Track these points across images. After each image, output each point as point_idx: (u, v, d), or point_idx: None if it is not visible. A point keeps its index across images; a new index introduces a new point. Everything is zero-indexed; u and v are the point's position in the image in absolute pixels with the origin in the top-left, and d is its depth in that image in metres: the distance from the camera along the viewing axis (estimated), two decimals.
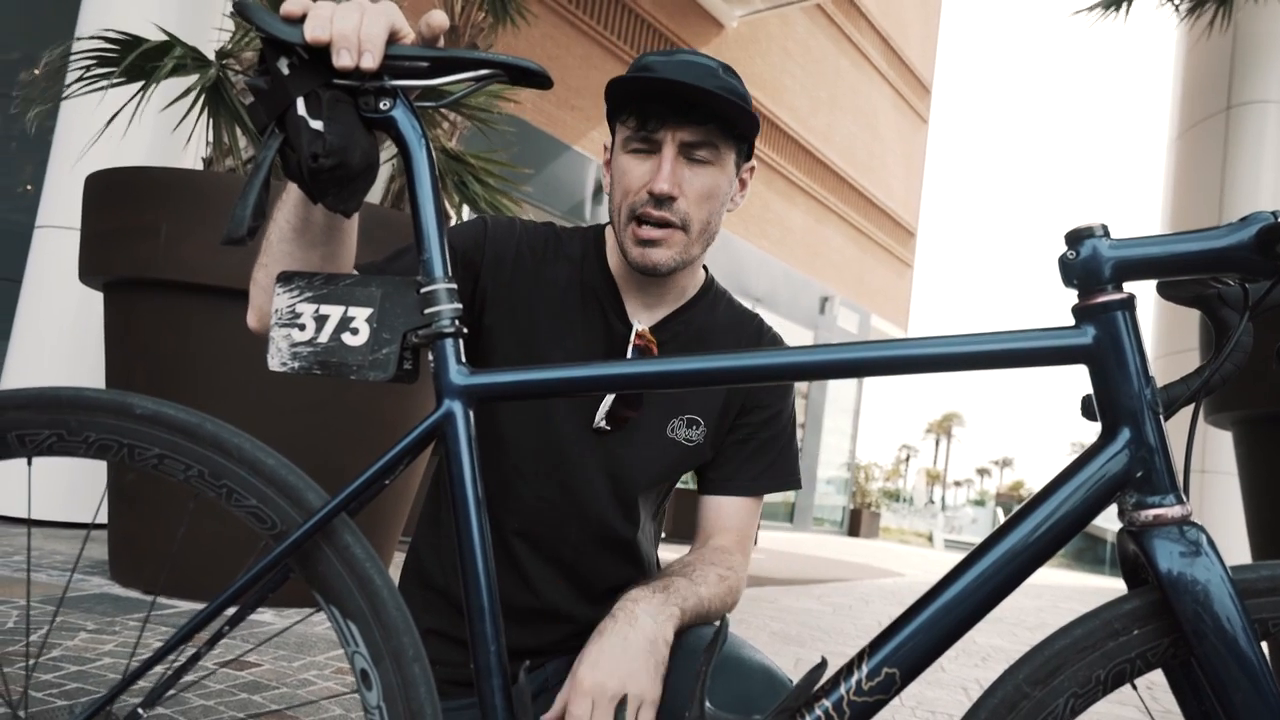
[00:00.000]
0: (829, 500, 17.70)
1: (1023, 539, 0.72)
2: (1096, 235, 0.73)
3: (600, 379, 0.80)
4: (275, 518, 0.76)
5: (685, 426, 1.13)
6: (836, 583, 6.56)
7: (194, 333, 2.61)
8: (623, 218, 1.07)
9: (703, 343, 1.15)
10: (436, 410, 0.77)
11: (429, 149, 0.79)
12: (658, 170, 1.03)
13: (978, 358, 0.74)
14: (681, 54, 1.05)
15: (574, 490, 1.11)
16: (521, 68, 0.79)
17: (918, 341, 0.75)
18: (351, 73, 0.77)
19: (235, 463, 0.76)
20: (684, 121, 1.02)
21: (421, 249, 0.79)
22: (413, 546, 1.20)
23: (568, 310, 1.12)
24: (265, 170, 0.76)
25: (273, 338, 0.80)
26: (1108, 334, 0.72)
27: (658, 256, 1.05)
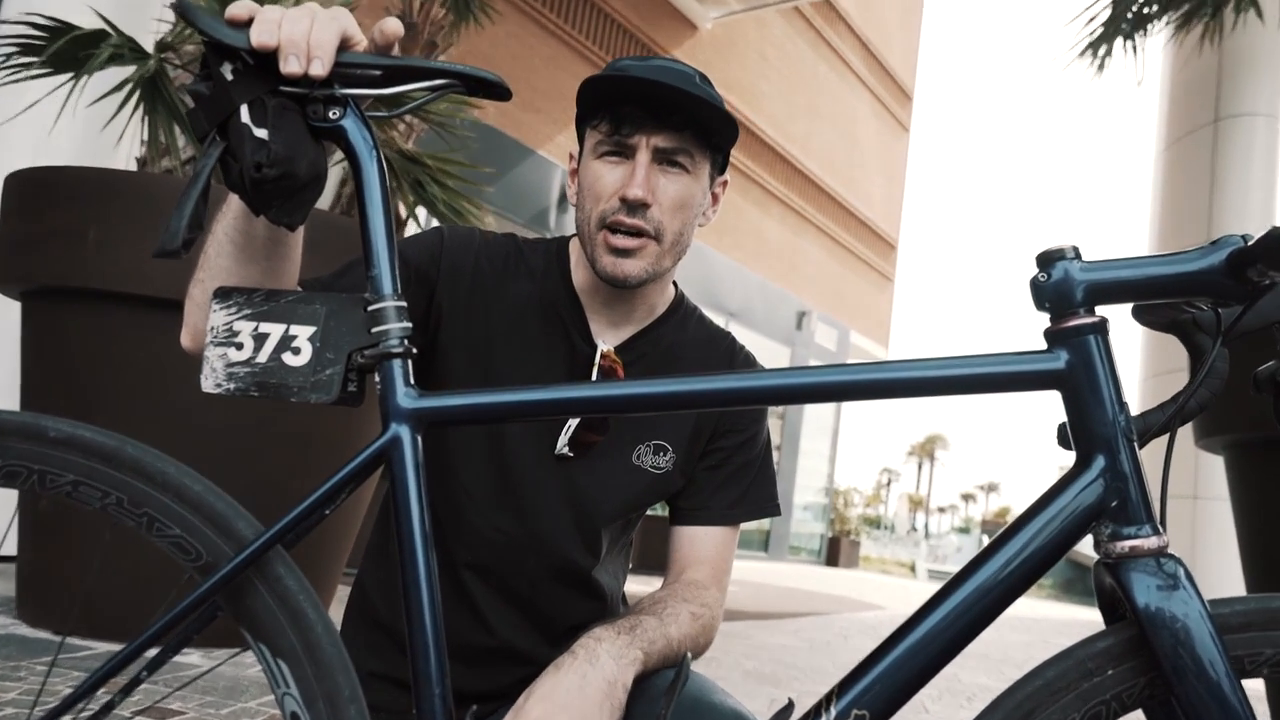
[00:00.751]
0: (806, 528, 17.76)
1: (996, 572, 0.73)
2: (1068, 257, 0.75)
3: (560, 402, 0.80)
4: (201, 548, 0.75)
5: (653, 453, 1.14)
6: (814, 616, 6.57)
7: (120, 348, 2.57)
8: (592, 226, 1.07)
9: (672, 363, 1.16)
10: (382, 435, 0.77)
11: (380, 161, 0.80)
12: (631, 175, 1.04)
13: (948, 383, 0.75)
14: (657, 60, 1.07)
15: (532, 520, 1.10)
16: (479, 78, 0.80)
17: (889, 365, 0.77)
18: (299, 80, 0.78)
19: (158, 489, 0.75)
20: (660, 126, 1.03)
21: (370, 264, 0.80)
22: (358, 581, 1.19)
23: (528, 329, 1.12)
24: (204, 180, 0.76)
25: (207, 357, 0.80)
26: (1080, 359, 0.74)
27: (629, 267, 1.06)
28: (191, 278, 0.94)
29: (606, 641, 0.95)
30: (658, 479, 1.14)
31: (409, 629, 0.76)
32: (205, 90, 0.78)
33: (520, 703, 0.89)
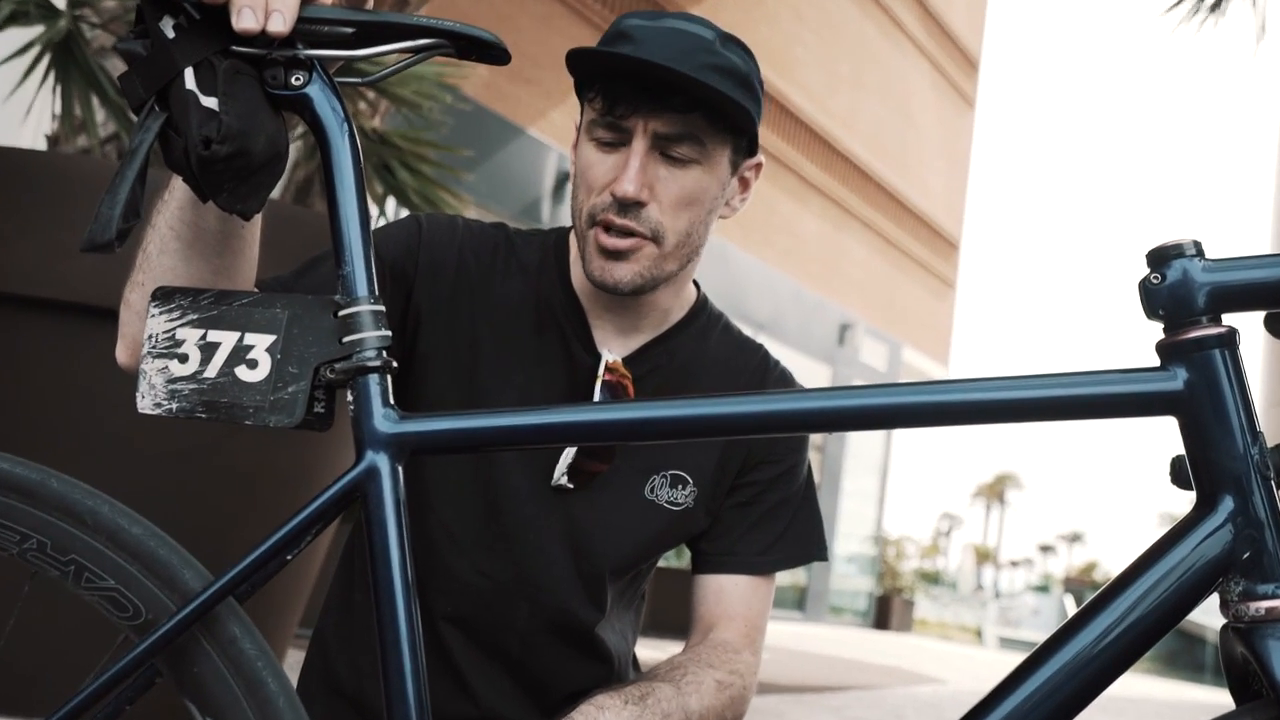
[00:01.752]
0: (850, 584, 17.70)
1: (1097, 639, 0.73)
2: (1188, 255, 0.75)
3: (566, 427, 0.80)
4: (139, 604, 0.75)
5: (669, 486, 1.14)
6: (860, 691, 6.54)
7: (29, 359, 2.58)
8: (583, 221, 1.08)
9: (690, 378, 1.17)
10: (356, 465, 0.78)
11: (353, 136, 0.81)
12: (624, 168, 1.04)
13: (1036, 406, 0.75)
14: (669, 19, 1.07)
15: (523, 564, 1.11)
16: (471, 37, 0.81)
17: (961, 385, 0.76)
18: (256, 38, 0.78)
19: (89, 532, 0.75)
20: (659, 109, 1.03)
21: (341, 261, 0.80)
22: (317, 639, 1.20)
23: (520, 335, 1.13)
24: (141, 159, 0.77)
25: (144, 371, 0.80)
26: (1202, 378, 0.73)
27: (620, 272, 1.06)
28: (128, 280, 0.94)
29: (610, 711, 0.96)
30: (676, 517, 1.15)
31: (387, 698, 0.75)
32: (141, 50, 0.78)
33: None
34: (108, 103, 2.96)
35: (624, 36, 1.05)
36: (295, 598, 2.90)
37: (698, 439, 1.12)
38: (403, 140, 3.50)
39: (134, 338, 0.93)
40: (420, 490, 1.11)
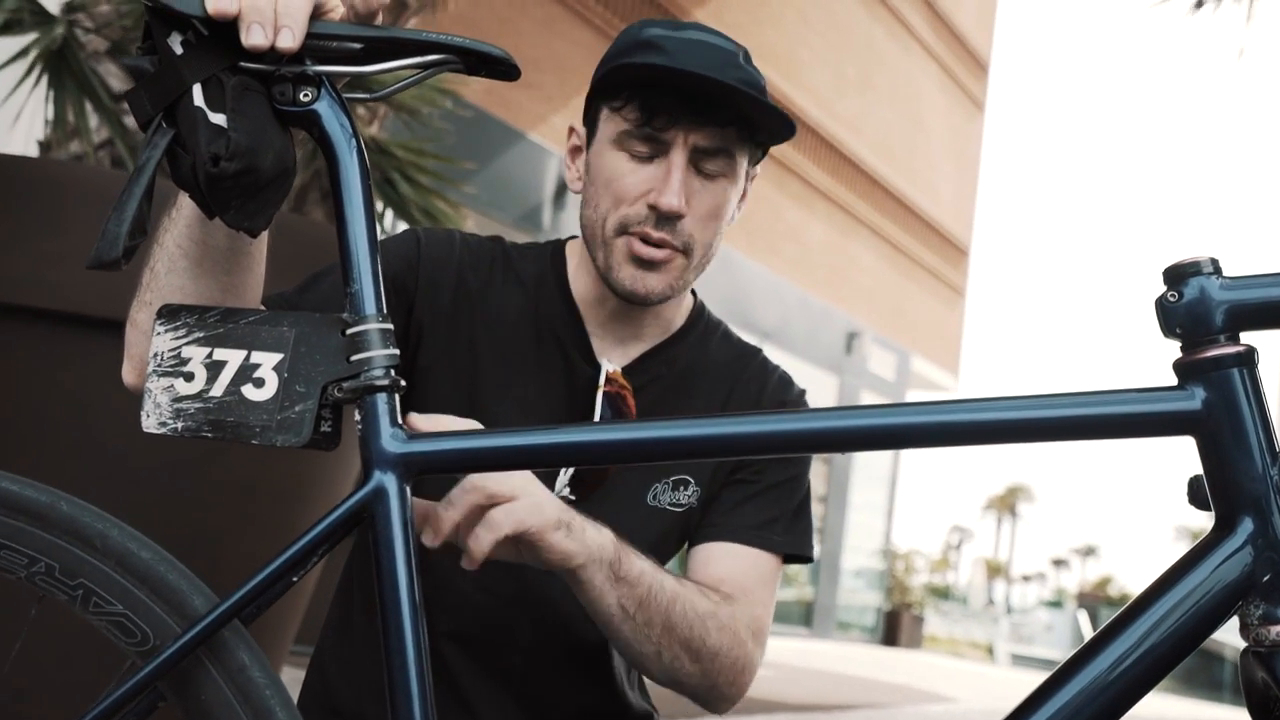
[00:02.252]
0: (857, 599, 17.66)
1: (1114, 664, 0.73)
2: (1205, 272, 0.76)
3: (571, 448, 0.82)
4: (147, 629, 0.76)
5: (672, 490, 1.15)
6: (868, 710, 6.52)
7: (20, 370, 2.59)
8: (607, 230, 1.10)
9: (689, 387, 1.18)
10: (364, 485, 0.79)
11: (361, 152, 0.82)
12: (665, 180, 1.06)
13: (1050, 426, 0.76)
14: (691, 30, 1.09)
15: (526, 578, 1.11)
16: (480, 53, 0.82)
17: (972, 405, 0.77)
18: (265, 54, 0.79)
19: (98, 555, 0.76)
20: (701, 122, 1.06)
21: (349, 278, 0.81)
22: (316, 663, 1.20)
23: (519, 348, 1.15)
24: (149, 175, 0.78)
25: (149, 390, 0.81)
26: (1221, 397, 0.74)
27: (654, 283, 1.09)
28: (135, 299, 0.96)
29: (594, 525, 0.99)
30: (679, 518, 1.16)
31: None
32: (149, 67, 0.80)
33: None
34: (101, 108, 2.98)
35: (653, 47, 1.07)
36: (291, 615, 2.90)
37: (705, 459, 1.13)
38: (402, 150, 3.51)
39: (141, 358, 0.94)
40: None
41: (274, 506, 2.61)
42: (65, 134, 3.00)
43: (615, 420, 1.11)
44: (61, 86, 2.94)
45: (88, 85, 2.94)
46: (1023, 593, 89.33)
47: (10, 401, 2.55)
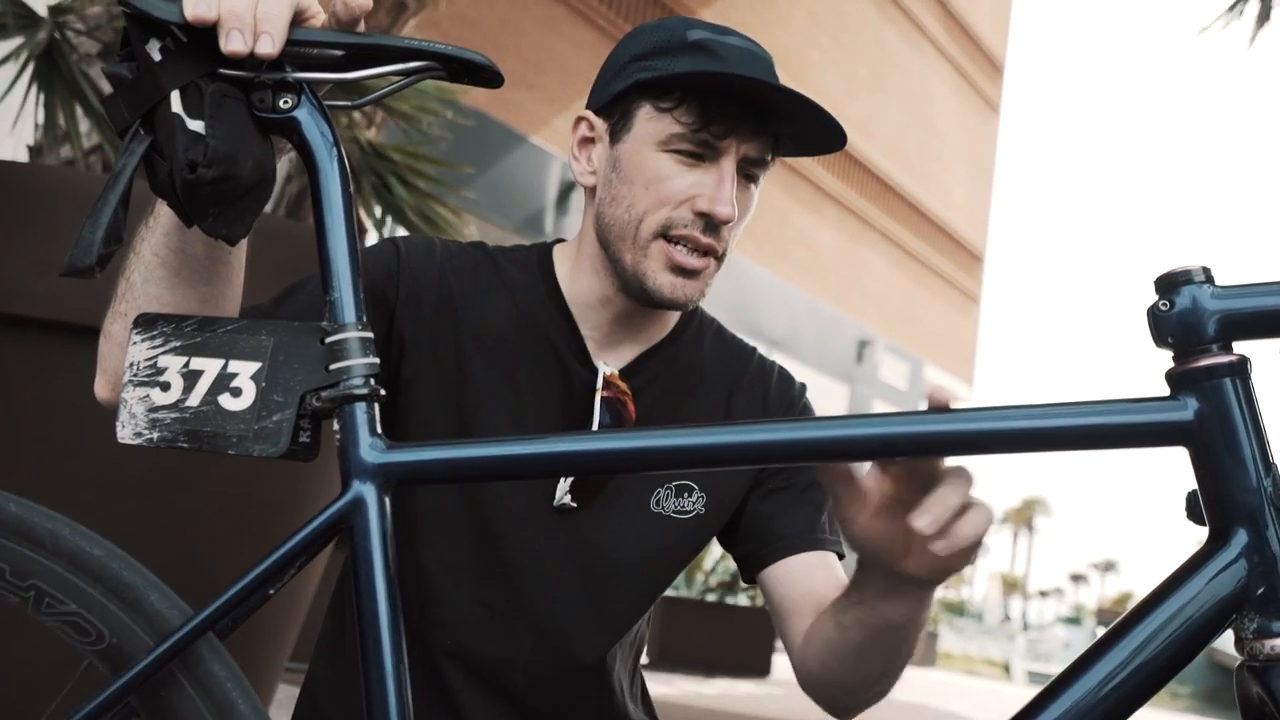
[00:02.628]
0: None
1: (1107, 678, 0.74)
2: (1196, 281, 0.76)
3: (558, 458, 0.82)
4: (103, 628, 0.77)
5: (675, 495, 1.16)
6: None
7: (8, 379, 2.59)
8: (643, 232, 1.09)
9: (688, 387, 1.19)
10: (342, 495, 0.79)
11: (341, 160, 0.83)
12: (718, 187, 1.08)
13: (1041, 437, 0.77)
14: (733, 36, 1.11)
15: (525, 590, 1.12)
16: (463, 60, 0.83)
17: (965, 415, 0.78)
18: (244, 60, 0.80)
19: (48, 555, 0.76)
20: (757, 132, 1.09)
21: (328, 287, 0.82)
22: (307, 685, 1.20)
23: (508, 354, 1.15)
24: (125, 182, 0.79)
25: (125, 400, 0.82)
26: (1213, 407, 0.75)
27: (691, 290, 1.11)
28: (109, 310, 0.96)
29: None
30: (685, 526, 1.16)
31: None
32: (127, 73, 0.81)
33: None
34: (92, 113, 2.99)
35: (705, 50, 1.08)
36: (285, 632, 2.90)
37: (702, 469, 1.13)
38: (399, 155, 3.52)
39: (115, 371, 0.95)
40: (410, 519, 1.11)
41: (269, 518, 2.61)
42: (56, 139, 3.01)
43: (614, 425, 1.12)
44: (51, 90, 2.95)
45: (78, 89, 2.95)
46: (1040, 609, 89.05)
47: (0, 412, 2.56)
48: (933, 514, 0.81)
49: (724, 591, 9.17)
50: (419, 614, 1.11)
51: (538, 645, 1.12)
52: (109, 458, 2.48)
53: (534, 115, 9.52)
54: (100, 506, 2.50)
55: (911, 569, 0.89)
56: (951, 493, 0.81)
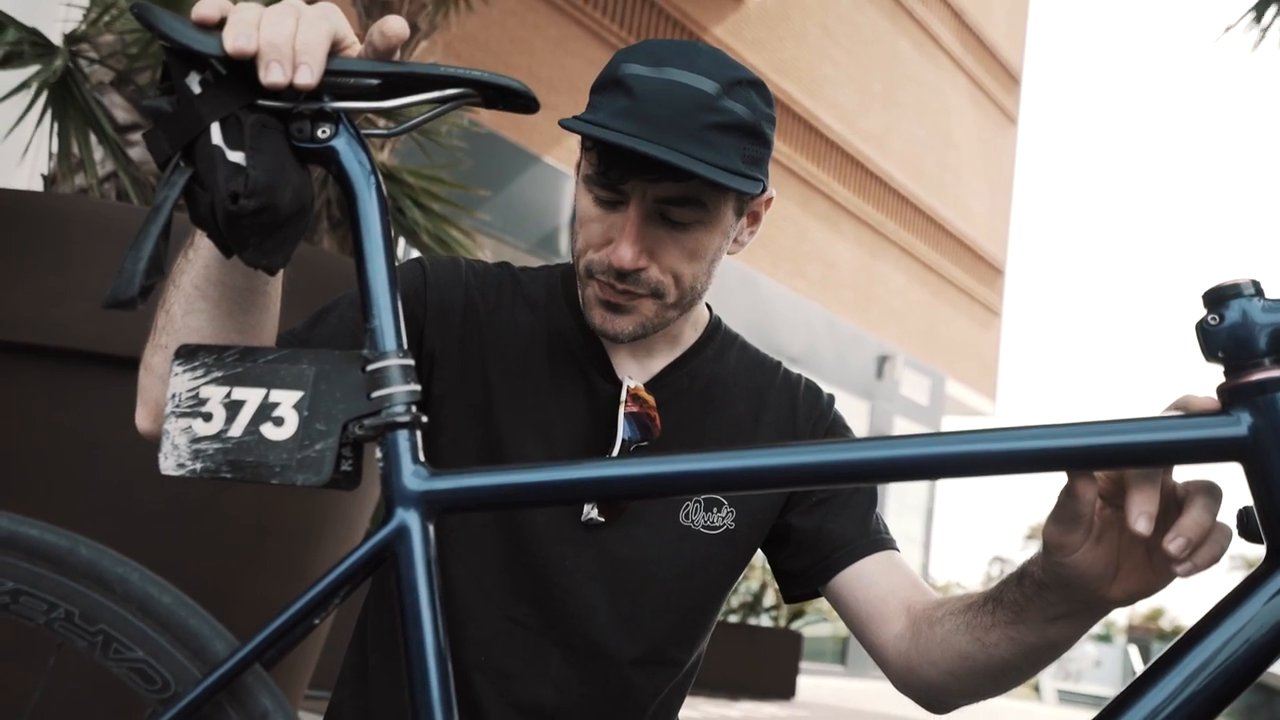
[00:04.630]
0: None
1: (1165, 702, 0.73)
2: (1246, 294, 0.77)
3: (597, 483, 0.82)
4: (168, 676, 0.77)
5: (704, 510, 1.17)
6: None
7: (24, 408, 2.61)
8: (580, 270, 1.13)
9: (712, 400, 1.21)
10: (386, 524, 0.80)
11: (379, 188, 0.84)
12: (620, 235, 1.07)
13: (1092, 455, 0.77)
14: (670, 70, 1.07)
15: (555, 607, 1.13)
16: (499, 86, 0.84)
17: (1010, 433, 0.78)
18: (283, 91, 0.82)
19: (118, 601, 0.77)
20: (657, 177, 1.05)
21: (369, 315, 0.83)
22: (332, 713, 1.21)
23: (534, 370, 1.17)
24: (166, 214, 0.80)
25: (167, 431, 0.83)
26: (1268, 422, 0.75)
27: (620, 324, 1.11)
28: (148, 342, 0.97)
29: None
30: (714, 541, 1.17)
31: None
32: (167, 107, 0.83)
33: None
34: (105, 141, 3.02)
35: (621, 87, 1.06)
36: (305, 659, 2.90)
37: (741, 492, 1.14)
38: (413, 177, 3.55)
39: (156, 402, 0.96)
40: (439, 538, 1.12)
41: (285, 547, 2.62)
42: (70, 167, 3.04)
43: (641, 438, 1.14)
44: (65, 118, 2.98)
45: (92, 117, 2.98)
46: None
47: (14, 441, 2.57)
48: (1187, 537, 0.79)
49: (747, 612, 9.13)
50: (451, 632, 1.11)
51: (567, 659, 1.14)
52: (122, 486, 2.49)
53: (546, 135, 9.56)
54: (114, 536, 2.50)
55: (1116, 594, 0.88)
56: (1205, 514, 0.80)
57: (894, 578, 1.16)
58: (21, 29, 2.93)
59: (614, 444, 1.13)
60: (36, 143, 3.45)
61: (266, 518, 2.59)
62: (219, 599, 2.37)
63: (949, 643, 1.05)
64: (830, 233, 13.88)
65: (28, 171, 4.01)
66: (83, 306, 2.47)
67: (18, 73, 3.27)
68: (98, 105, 2.98)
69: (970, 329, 17.46)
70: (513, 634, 1.13)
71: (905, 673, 1.12)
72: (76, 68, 2.98)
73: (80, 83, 2.98)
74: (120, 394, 1.58)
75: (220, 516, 2.56)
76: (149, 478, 2.74)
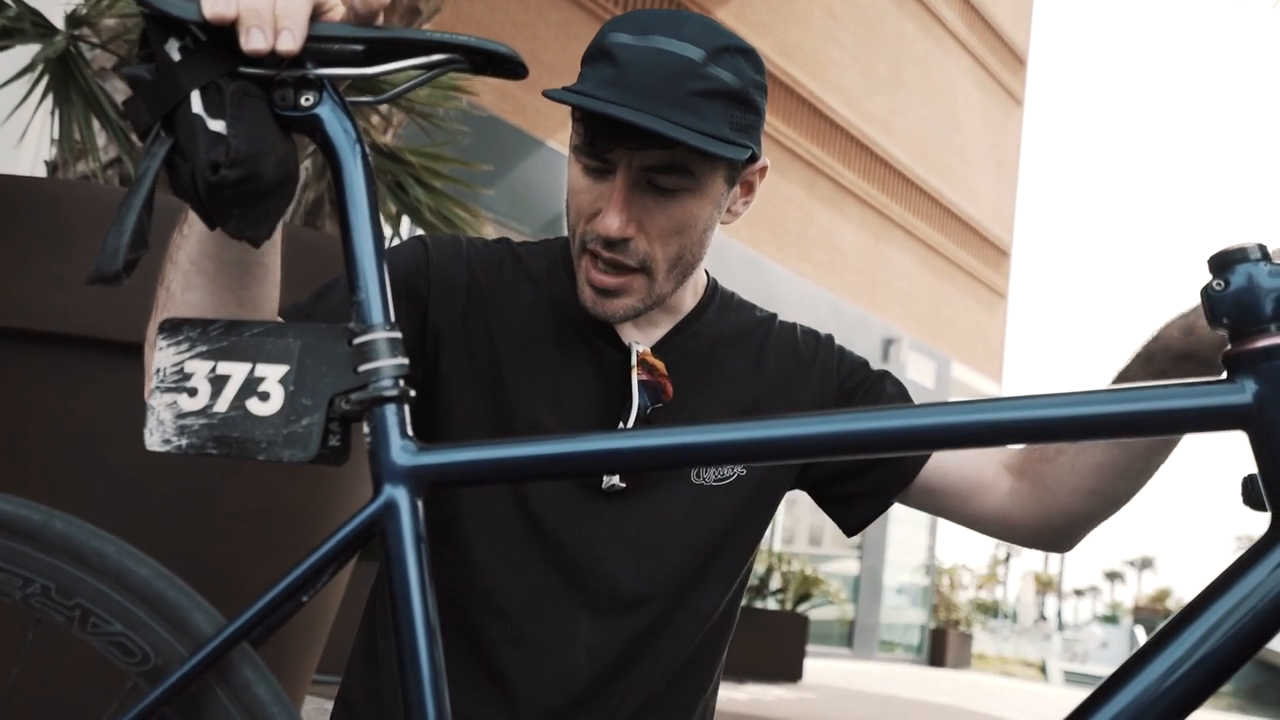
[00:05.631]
0: (901, 616, 17.54)
1: (1166, 674, 0.72)
2: (1252, 259, 0.75)
3: (595, 455, 0.81)
4: (148, 648, 0.76)
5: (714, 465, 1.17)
6: None
7: (28, 394, 2.61)
8: (574, 244, 1.13)
9: (717, 360, 1.21)
10: (374, 500, 0.78)
11: (365, 157, 0.82)
12: (607, 203, 1.07)
13: (1093, 424, 0.75)
14: (656, 37, 1.06)
15: (579, 572, 1.14)
16: (486, 51, 0.82)
17: (1013, 403, 0.76)
18: (264, 58, 0.80)
19: (95, 574, 0.76)
20: (642, 144, 1.05)
21: (355, 286, 0.81)
22: (343, 694, 1.21)
23: (541, 343, 1.17)
24: (148, 186, 0.78)
25: (152, 407, 0.81)
26: (1273, 390, 0.73)
27: (612, 307, 1.11)
28: (150, 319, 0.97)
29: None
30: (726, 490, 1.17)
31: None
32: (146, 75, 0.81)
33: None
34: (109, 125, 3.01)
35: (607, 56, 1.06)
36: (312, 642, 2.90)
37: (741, 463, 1.14)
38: (416, 156, 3.53)
39: None
40: (455, 516, 1.13)
41: (291, 531, 2.61)
42: (73, 153, 3.03)
43: (653, 404, 1.14)
44: (67, 103, 2.96)
45: (94, 101, 2.97)
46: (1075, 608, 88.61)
47: (20, 428, 2.57)
48: None
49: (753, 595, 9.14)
50: (479, 607, 1.13)
51: (595, 622, 1.14)
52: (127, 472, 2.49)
53: (550, 119, 9.54)
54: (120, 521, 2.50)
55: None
56: None
57: (974, 453, 1.18)
58: (21, 7, 2.91)
59: (628, 412, 1.13)
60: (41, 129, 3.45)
61: (272, 503, 2.58)
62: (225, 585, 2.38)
63: (1082, 461, 1.07)
64: (835, 216, 13.85)
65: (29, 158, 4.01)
66: (86, 293, 2.46)
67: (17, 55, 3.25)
68: (100, 89, 2.97)
69: (976, 312, 17.42)
70: (541, 602, 1.14)
71: (1039, 520, 1.14)
72: (78, 51, 2.96)
73: (83, 66, 2.96)
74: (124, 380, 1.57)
75: (226, 502, 2.56)
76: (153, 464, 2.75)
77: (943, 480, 1.18)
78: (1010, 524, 1.16)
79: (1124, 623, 55.91)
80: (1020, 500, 1.15)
